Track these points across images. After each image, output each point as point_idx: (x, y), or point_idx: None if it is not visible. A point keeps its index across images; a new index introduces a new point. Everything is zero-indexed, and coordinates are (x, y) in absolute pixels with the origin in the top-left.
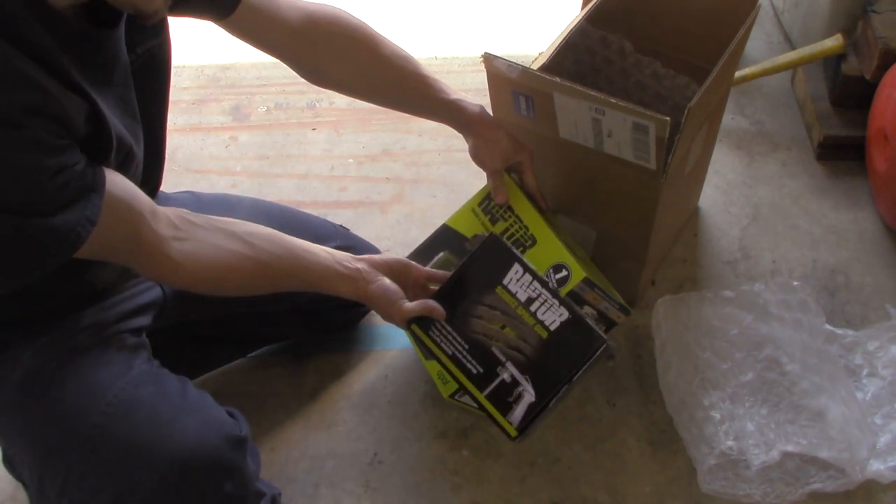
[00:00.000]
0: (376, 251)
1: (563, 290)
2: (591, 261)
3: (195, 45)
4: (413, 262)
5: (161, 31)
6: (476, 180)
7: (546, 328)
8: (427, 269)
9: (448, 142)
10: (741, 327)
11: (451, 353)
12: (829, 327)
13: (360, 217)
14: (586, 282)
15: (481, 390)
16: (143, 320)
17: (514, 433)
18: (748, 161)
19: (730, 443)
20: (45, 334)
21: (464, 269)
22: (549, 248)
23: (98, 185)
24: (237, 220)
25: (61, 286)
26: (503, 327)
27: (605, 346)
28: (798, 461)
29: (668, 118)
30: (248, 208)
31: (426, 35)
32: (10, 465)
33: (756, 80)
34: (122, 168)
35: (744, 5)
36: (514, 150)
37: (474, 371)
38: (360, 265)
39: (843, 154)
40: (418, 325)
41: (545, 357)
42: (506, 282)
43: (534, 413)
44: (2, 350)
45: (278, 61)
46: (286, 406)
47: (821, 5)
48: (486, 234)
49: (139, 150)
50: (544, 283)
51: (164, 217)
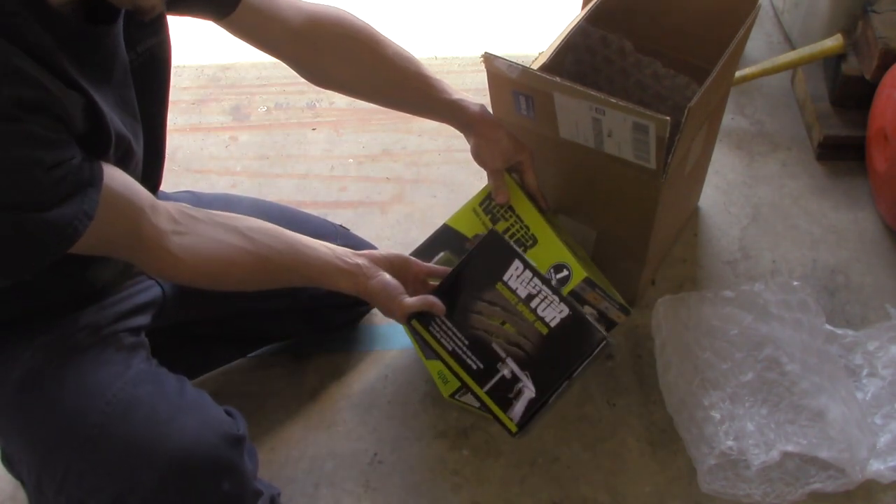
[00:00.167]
0: None
1: (564, 290)
2: (592, 261)
3: (195, 45)
4: (413, 258)
5: (160, 30)
6: (476, 180)
7: (546, 324)
8: (427, 264)
9: (448, 142)
10: (741, 327)
11: (451, 348)
12: (829, 327)
13: (360, 217)
14: (587, 281)
15: (482, 386)
16: (143, 319)
17: (514, 429)
18: (748, 161)
19: (730, 443)
20: (44, 333)
21: (464, 265)
22: (550, 248)
23: (96, 180)
24: (238, 215)
25: (60, 285)
26: (503, 323)
27: (604, 342)
28: (798, 461)
29: (668, 118)
30: (248, 208)
31: (426, 35)
32: (9, 464)
33: (756, 80)
34: (121, 165)
35: (744, 5)
36: (515, 150)
37: (474, 367)
38: (360, 260)
39: (843, 154)
40: (418, 320)
41: (545, 353)
42: (506, 278)
43: (534, 409)
44: (1, 349)
45: (278, 61)
46: (286, 406)
47: (821, 5)
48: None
49: (139, 148)
50: (545, 280)
51: (164, 211)
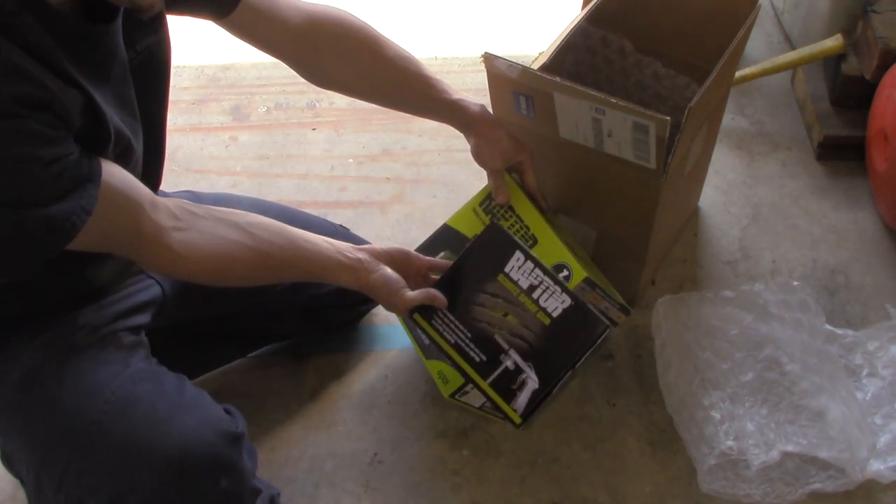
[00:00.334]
0: None
1: None
2: (592, 261)
3: (195, 45)
4: (414, 252)
5: (160, 29)
6: (476, 180)
7: (548, 315)
8: (428, 258)
9: (448, 142)
10: (741, 327)
11: (453, 341)
12: (829, 327)
13: (360, 217)
14: (587, 282)
15: (485, 378)
16: (142, 318)
17: (518, 420)
18: (748, 161)
19: (730, 443)
20: (43, 333)
21: (465, 257)
22: (550, 248)
23: (94, 176)
24: (238, 211)
25: (59, 284)
26: (505, 315)
27: (607, 331)
28: (798, 461)
29: (668, 118)
30: (249, 208)
31: (426, 35)
32: (8, 463)
33: (756, 80)
34: (121, 163)
35: (744, 5)
36: (515, 150)
37: (477, 359)
38: (361, 255)
39: (843, 154)
40: (420, 314)
41: (548, 343)
42: (507, 269)
43: (537, 399)
44: (1, 348)
45: (278, 61)
46: (286, 406)
47: (821, 5)
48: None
49: (138, 146)
50: (546, 271)
51: (164, 207)
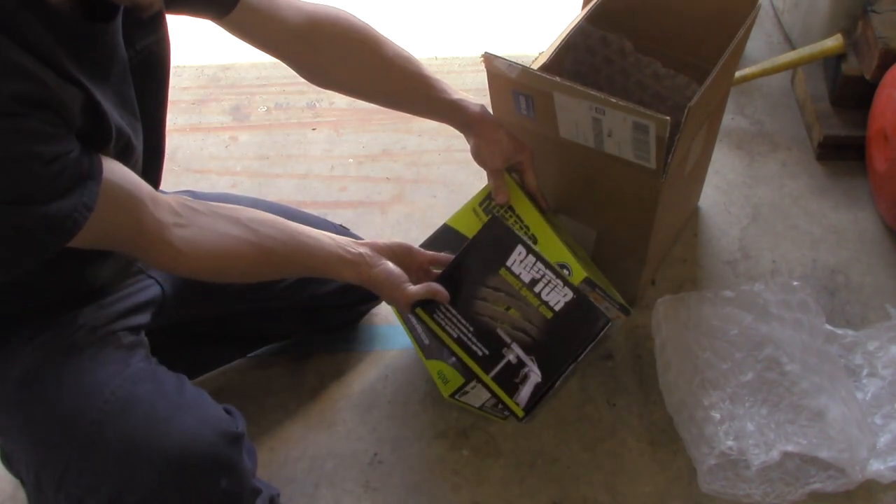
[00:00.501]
0: None
1: None
2: (591, 261)
3: (195, 45)
4: (416, 247)
5: (159, 28)
6: (476, 180)
7: (550, 308)
8: (430, 252)
9: (448, 142)
10: (741, 327)
11: (456, 335)
12: (829, 327)
13: (360, 217)
14: (587, 282)
15: (487, 372)
16: (142, 318)
17: (521, 414)
18: (748, 161)
19: (730, 443)
20: (43, 332)
21: (467, 252)
22: (550, 248)
23: (95, 173)
24: (239, 207)
25: (59, 283)
26: (508, 309)
27: (609, 324)
28: (798, 461)
29: (668, 118)
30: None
31: (426, 35)
32: (8, 462)
33: (756, 80)
34: (121, 160)
35: (744, 5)
36: (515, 150)
37: (480, 353)
38: (363, 249)
39: (843, 154)
40: (422, 308)
41: (550, 337)
42: (509, 263)
43: (540, 393)
44: (1, 347)
45: (278, 61)
46: (286, 406)
47: (821, 5)
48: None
49: (138, 145)
50: (548, 264)
51: (165, 204)
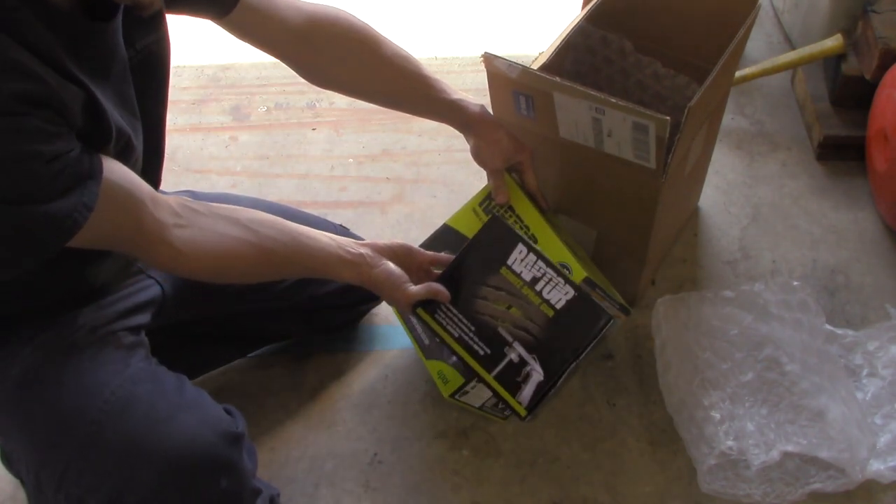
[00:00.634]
0: None
1: None
2: (591, 261)
3: (195, 45)
4: (416, 247)
5: (159, 27)
6: (476, 180)
7: (552, 307)
8: (430, 253)
9: (448, 142)
10: (741, 327)
11: (457, 335)
12: (829, 327)
13: (360, 217)
14: (587, 281)
15: (489, 371)
16: (142, 318)
17: (523, 413)
18: (748, 161)
19: (730, 443)
20: (43, 331)
21: (467, 251)
22: (550, 248)
23: (95, 172)
24: (239, 208)
25: (59, 283)
26: (509, 308)
27: (610, 322)
28: (798, 461)
29: (668, 118)
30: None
31: (426, 35)
32: (8, 462)
33: (756, 80)
34: (121, 160)
35: (744, 5)
36: (515, 150)
37: (481, 352)
38: (363, 250)
39: (843, 154)
40: (424, 308)
41: (552, 335)
42: (510, 262)
43: (543, 391)
44: (1, 346)
45: (278, 61)
46: (286, 406)
47: (821, 5)
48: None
49: (138, 144)
50: (549, 262)
51: (165, 204)
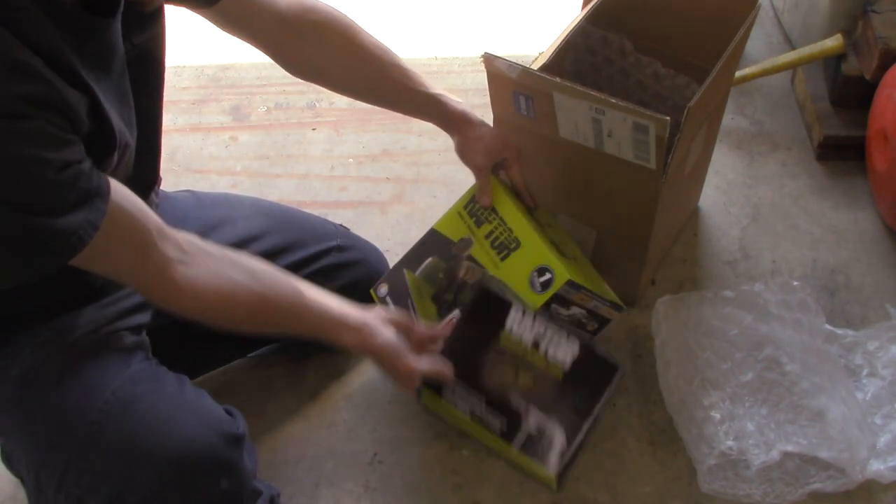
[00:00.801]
0: (376, 251)
1: (547, 294)
2: (588, 260)
3: (195, 45)
4: (416, 322)
5: (157, 22)
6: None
7: (560, 368)
8: (427, 330)
9: (448, 142)
10: (741, 327)
11: (469, 410)
12: (829, 327)
13: (360, 217)
14: (570, 284)
15: (512, 444)
16: (143, 318)
17: (554, 483)
18: (748, 161)
19: (730, 443)
20: (44, 331)
21: (462, 324)
22: (532, 251)
23: (103, 191)
24: (252, 257)
25: (60, 283)
26: (516, 374)
27: (620, 372)
28: (798, 461)
29: (668, 118)
30: (249, 208)
31: (426, 35)
32: (8, 462)
33: (756, 80)
34: (121, 160)
35: (744, 5)
36: (500, 147)
37: (499, 427)
38: (367, 317)
39: (843, 154)
40: (429, 392)
41: (565, 397)
42: (507, 327)
43: (567, 456)
44: (1, 346)
45: None
46: (286, 406)
47: (821, 5)
48: (471, 237)
49: (132, 140)
50: (545, 318)
51: (173, 239)
